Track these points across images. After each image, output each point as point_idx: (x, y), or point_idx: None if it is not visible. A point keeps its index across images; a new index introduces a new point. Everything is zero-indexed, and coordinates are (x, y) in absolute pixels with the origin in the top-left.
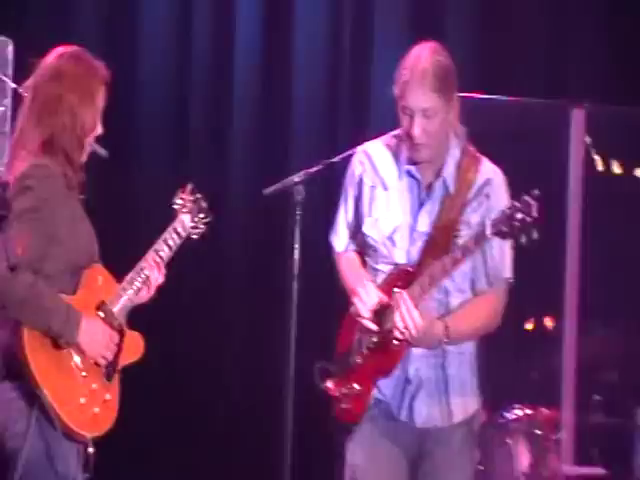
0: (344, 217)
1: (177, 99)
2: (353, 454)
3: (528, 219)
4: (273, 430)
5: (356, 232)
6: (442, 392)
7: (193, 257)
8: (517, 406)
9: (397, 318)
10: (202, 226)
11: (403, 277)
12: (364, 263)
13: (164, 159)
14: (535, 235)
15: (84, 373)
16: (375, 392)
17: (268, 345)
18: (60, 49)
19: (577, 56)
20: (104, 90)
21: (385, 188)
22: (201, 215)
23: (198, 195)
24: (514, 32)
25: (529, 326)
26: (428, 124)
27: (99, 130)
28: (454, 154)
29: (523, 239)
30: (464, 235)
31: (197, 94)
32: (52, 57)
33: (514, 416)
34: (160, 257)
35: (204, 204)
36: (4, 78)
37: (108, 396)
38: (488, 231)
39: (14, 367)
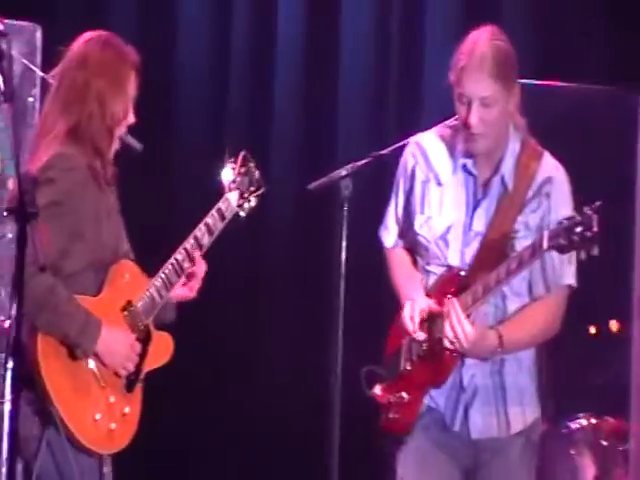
0: (394, 212)
1: (217, 88)
2: (403, 466)
3: (588, 234)
4: (318, 439)
5: (406, 229)
6: (499, 401)
7: (235, 255)
8: (581, 415)
9: (447, 328)
10: (252, 200)
11: (454, 282)
12: (414, 262)
13: (203, 152)
14: (595, 251)
15: (102, 384)
16: (427, 400)
17: (313, 346)
18: (88, 34)
19: None
20: (135, 77)
21: (439, 183)
22: (252, 188)
23: (251, 164)
24: (573, 14)
25: (593, 330)
26: (486, 113)
27: (131, 119)
28: (513, 148)
29: (582, 255)
30: (521, 238)
31: (238, 85)
32: (79, 43)
33: (578, 426)
34: (200, 245)
35: (257, 174)
36: (32, 67)
37: (127, 409)
38: (545, 244)
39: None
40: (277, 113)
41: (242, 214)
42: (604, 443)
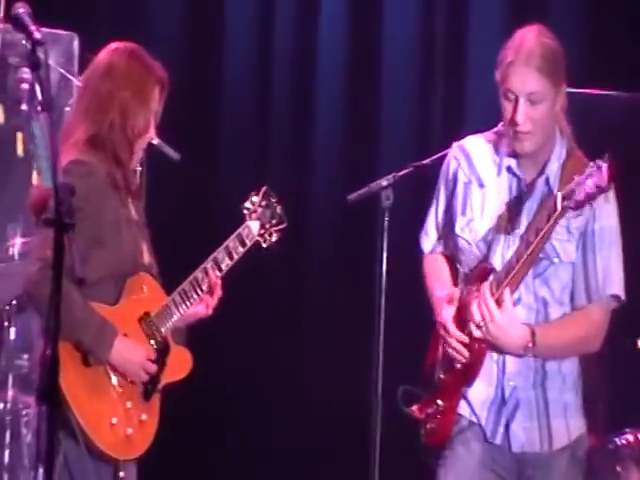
0: (434, 217)
1: (259, 99)
2: None
3: (602, 184)
4: (359, 456)
5: (447, 234)
6: (542, 414)
7: (272, 270)
8: (628, 430)
9: (474, 310)
10: (275, 234)
11: (485, 275)
12: (453, 270)
13: (244, 161)
14: (611, 194)
15: (120, 389)
16: (469, 414)
17: (353, 360)
18: (115, 44)
19: None
20: (160, 91)
21: (481, 185)
22: (274, 221)
23: (273, 199)
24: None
25: None
26: (533, 111)
27: (152, 135)
28: (560, 152)
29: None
30: (562, 241)
31: (280, 94)
32: (105, 52)
33: (624, 442)
34: (219, 268)
35: (279, 209)
36: (69, 76)
37: (144, 416)
38: (559, 205)
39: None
40: (319, 122)
41: (264, 245)
42: None
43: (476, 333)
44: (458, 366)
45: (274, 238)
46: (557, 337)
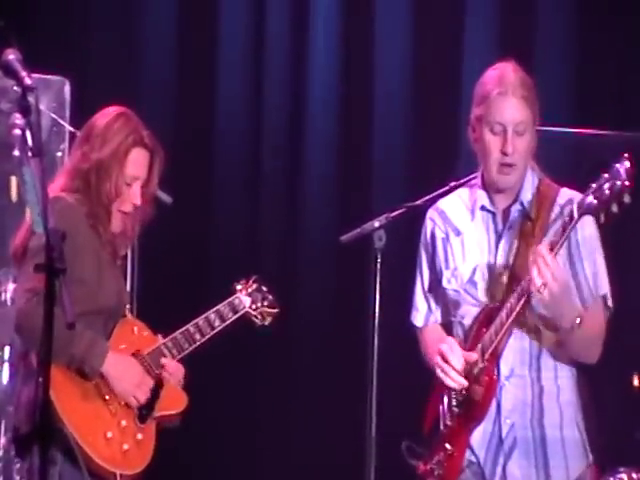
0: (420, 288)
1: (250, 138)
2: None
3: (618, 183)
4: None
5: (437, 298)
6: (539, 453)
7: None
8: (622, 470)
9: (534, 274)
10: (267, 318)
11: (489, 315)
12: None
13: (235, 199)
14: (627, 199)
15: (114, 410)
16: (468, 454)
17: (346, 405)
18: (107, 109)
19: None
20: (143, 156)
21: (458, 233)
22: (265, 303)
23: (264, 287)
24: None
25: (636, 382)
26: (519, 142)
27: (132, 200)
28: (532, 180)
29: (615, 208)
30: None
31: (271, 138)
32: (97, 115)
33: None
34: (212, 327)
35: (270, 296)
36: (61, 121)
37: (140, 436)
38: (576, 213)
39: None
40: (311, 165)
41: (257, 322)
42: None
43: (535, 294)
44: (473, 401)
45: (267, 322)
46: (591, 326)
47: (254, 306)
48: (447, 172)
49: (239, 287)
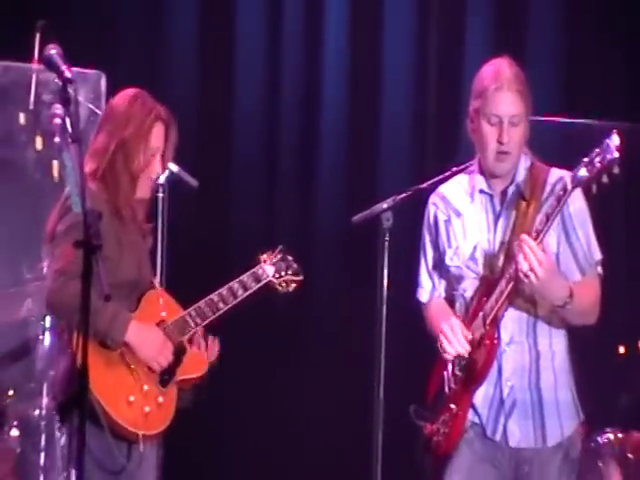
0: (425, 267)
1: (266, 126)
2: (450, 478)
3: (608, 156)
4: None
5: (440, 275)
6: (537, 414)
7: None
8: (609, 430)
9: (520, 260)
10: (291, 284)
11: (488, 285)
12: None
13: (252, 183)
14: (616, 170)
15: (137, 375)
16: (471, 415)
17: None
18: (123, 91)
19: None
20: (163, 130)
21: (458, 215)
22: (289, 272)
23: (289, 257)
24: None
25: (622, 350)
26: (514, 132)
27: (157, 169)
28: (525, 164)
29: (605, 179)
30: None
31: (285, 121)
32: (115, 96)
33: (606, 440)
34: (235, 296)
35: (295, 265)
36: (97, 111)
37: (161, 399)
38: (569, 185)
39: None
40: (324, 153)
41: (280, 290)
42: (630, 456)
43: (523, 279)
44: (475, 364)
45: (291, 288)
46: (584, 296)
47: (277, 275)
48: (449, 159)
49: (263, 257)
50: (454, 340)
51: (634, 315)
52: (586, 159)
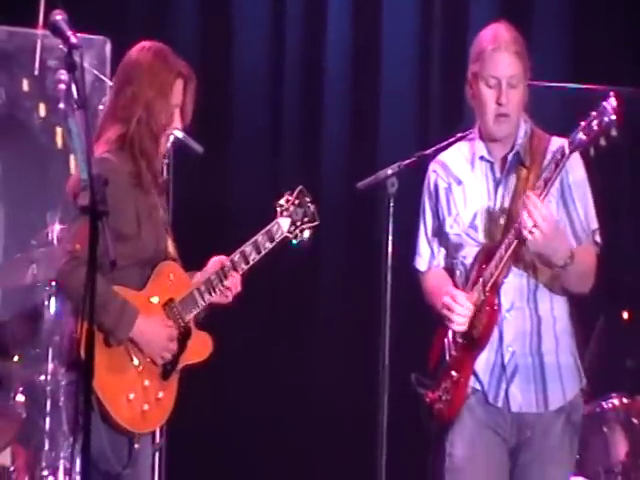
0: (424, 234)
1: (270, 96)
2: (453, 445)
3: (606, 119)
4: (368, 427)
5: (440, 242)
6: (538, 378)
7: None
8: (614, 395)
9: (524, 217)
10: (306, 231)
11: (488, 253)
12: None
13: (256, 153)
14: (614, 132)
15: (140, 368)
16: (472, 381)
17: (361, 343)
18: (142, 43)
19: None
20: (183, 85)
21: (459, 183)
22: (305, 219)
23: (307, 198)
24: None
25: (626, 315)
26: (513, 94)
27: (177, 125)
28: (525, 130)
29: (602, 142)
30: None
31: (289, 90)
32: (133, 51)
33: (610, 405)
34: (247, 261)
35: (312, 208)
36: (102, 77)
37: (161, 394)
38: (567, 149)
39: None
40: (327, 120)
41: (294, 242)
42: (635, 421)
43: (527, 236)
44: (476, 330)
45: (306, 235)
46: (583, 260)
47: (293, 227)
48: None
49: (281, 204)
50: (460, 310)
51: (638, 281)
52: (583, 122)
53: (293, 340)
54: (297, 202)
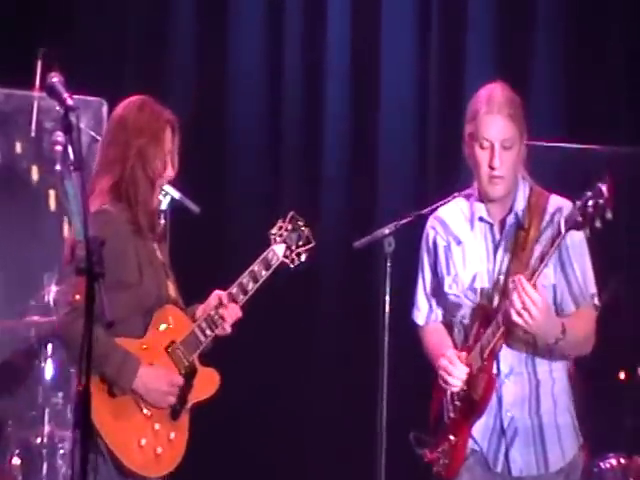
0: (422, 289)
1: (267, 147)
2: None
3: (601, 201)
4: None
5: (438, 301)
6: (538, 441)
7: (282, 308)
8: (611, 455)
9: (514, 299)
10: (303, 255)
11: (486, 315)
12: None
13: (254, 209)
14: (609, 215)
15: (148, 413)
16: (471, 443)
17: (359, 400)
18: (127, 99)
19: None
20: (171, 133)
21: (459, 243)
22: (300, 243)
23: (300, 222)
24: (595, 79)
25: (623, 375)
26: (507, 156)
27: (170, 174)
28: (524, 191)
29: (598, 224)
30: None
31: (289, 147)
32: (119, 107)
33: (608, 465)
34: (245, 292)
35: (306, 231)
36: (99, 138)
37: (173, 435)
38: (563, 229)
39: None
40: (325, 179)
41: (291, 266)
42: None
43: (516, 319)
44: (474, 396)
45: (302, 258)
46: (577, 330)
47: (288, 252)
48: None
49: (274, 233)
50: (457, 374)
51: (634, 341)
52: (579, 202)
53: (291, 395)
54: (290, 227)
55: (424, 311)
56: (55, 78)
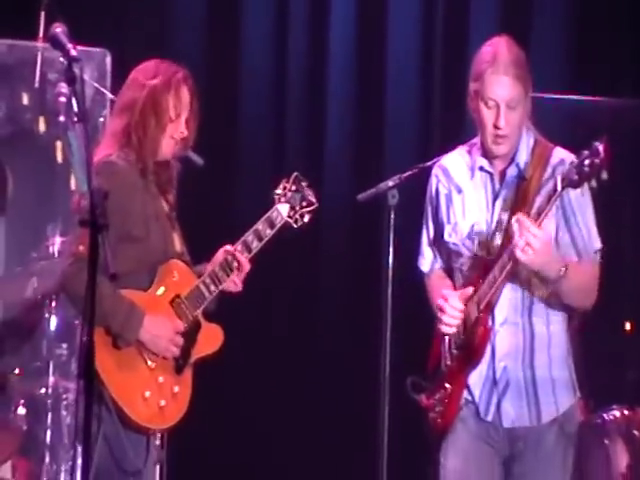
0: (426, 237)
1: (274, 108)
2: (446, 456)
3: (597, 160)
4: (368, 435)
5: (440, 248)
6: (530, 393)
7: (287, 263)
8: (615, 407)
9: (516, 238)
10: (306, 215)
11: (482, 267)
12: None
13: (259, 164)
14: (605, 175)
15: (152, 365)
16: (465, 393)
17: (361, 353)
18: (142, 64)
19: None
20: (188, 94)
21: (459, 191)
22: (304, 203)
23: (303, 183)
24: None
25: (628, 326)
26: (512, 116)
27: (182, 129)
28: (527, 142)
29: (593, 183)
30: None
31: (293, 104)
32: (135, 70)
33: (612, 417)
34: (249, 250)
35: (309, 193)
36: (102, 90)
37: (177, 388)
38: (559, 186)
39: None
40: (330, 132)
41: (295, 226)
42: (636, 433)
43: (522, 257)
44: (470, 346)
45: (306, 219)
46: (579, 274)
47: (292, 212)
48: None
49: (278, 193)
50: (450, 311)
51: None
52: (576, 160)
53: (294, 347)
54: (294, 188)
55: (428, 259)
56: (58, 29)
